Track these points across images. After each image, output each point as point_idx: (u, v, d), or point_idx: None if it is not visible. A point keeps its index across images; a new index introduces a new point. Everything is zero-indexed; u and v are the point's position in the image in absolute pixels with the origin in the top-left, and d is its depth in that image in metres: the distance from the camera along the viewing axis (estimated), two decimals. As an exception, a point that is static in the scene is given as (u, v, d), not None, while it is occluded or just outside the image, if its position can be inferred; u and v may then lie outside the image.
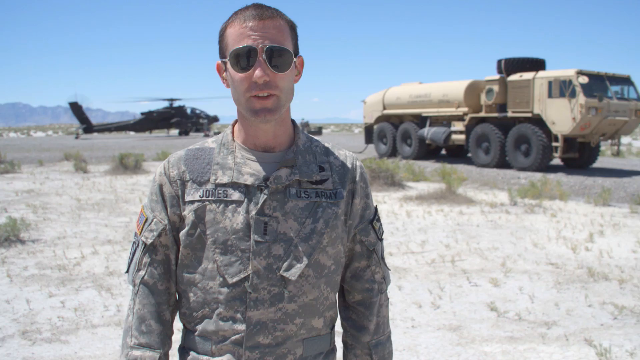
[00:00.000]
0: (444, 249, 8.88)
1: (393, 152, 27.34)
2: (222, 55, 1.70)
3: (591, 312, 6.01)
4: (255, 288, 1.64)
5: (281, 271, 1.65)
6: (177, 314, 1.81)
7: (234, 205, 1.66)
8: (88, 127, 58.82)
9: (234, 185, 1.68)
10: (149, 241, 1.71)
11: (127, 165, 21.24)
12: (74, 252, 8.64)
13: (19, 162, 23.83)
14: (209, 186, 1.69)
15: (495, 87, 22.12)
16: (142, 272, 1.72)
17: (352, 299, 1.87)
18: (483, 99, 22.80)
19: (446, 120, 25.02)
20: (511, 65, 22.20)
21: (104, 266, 7.84)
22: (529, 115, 20.92)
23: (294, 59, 1.68)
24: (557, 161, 23.84)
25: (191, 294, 1.71)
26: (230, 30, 1.65)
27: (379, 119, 28.87)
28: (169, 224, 1.72)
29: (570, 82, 19.57)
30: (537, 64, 22.22)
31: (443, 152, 28.14)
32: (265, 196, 1.65)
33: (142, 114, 60.22)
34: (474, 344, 5.22)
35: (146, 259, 1.72)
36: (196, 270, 1.69)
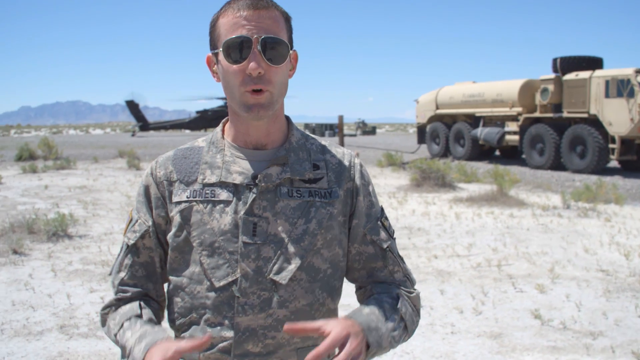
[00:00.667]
0: (491, 252, 8.66)
1: (446, 153, 27.04)
2: (214, 46, 1.60)
3: (641, 323, 5.77)
4: (244, 292, 1.55)
5: (271, 274, 1.55)
6: (167, 321, 1.73)
7: (222, 205, 1.58)
8: (144, 125, 59.74)
9: (222, 185, 1.60)
10: (131, 242, 1.65)
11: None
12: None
13: (74, 158, 24.39)
14: (197, 186, 1.61)
15: (551, 87, 21.61)
16: (122, 274, 1.66)
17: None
18: (538, 98, 22.31)
19: (500, 121, 24.58)
20: (567, 64, 21.64)
21: (147, 263, 7.89)
22: (585, 115, 20.35)
23: (290, 52, 1.59)
24: (614, 164, 23.13)
25: (179, 299, 1.63)
26: (223, 20, 1.56)
27: (432, 119, 28.58)
28: (153, 226, 1.65)
29: (628, 81, 18.96)
30: (594, 63, 21.61)
31: (497, 153, 27.67)
32: (254, 195, 1.57)
33: (197, 112, 60.83)
34: (515, 352, 5.04)
35: (127, 261, 1.66)
36: (183, 273, 1.61)
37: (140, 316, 1.60)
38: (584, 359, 4.91)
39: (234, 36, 1.51)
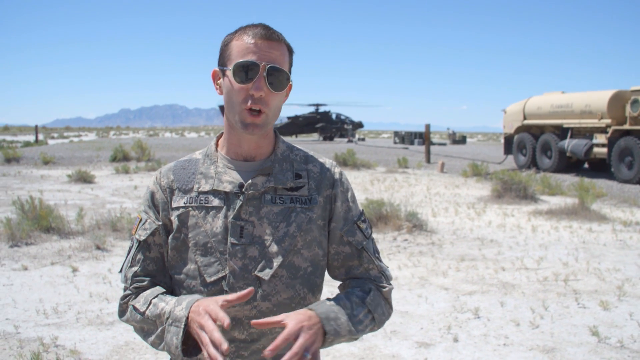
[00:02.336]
0: (560, 267, 8.54)
1: (532, 164, 26.49)
2: (223, 64, 1.82)
3: None
4: (232, 287, 1.75)
5: (256, 271, 1.76)
6: None
7: (214, 211, 1.79)
8: (236, 129, 61.01)
9: (214, 193, 1.81)
10: (142, 238, 1.85)
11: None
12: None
13: (165, 160, 25.29)
14: (193, 194, 1.82)
15: (642, 98, 20.88)
16: (135, 268, 1.85)
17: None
18: (628, 110, 21.53)
19: (588, 132, 23.87)
20: (661, 76, 20.85)
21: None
22: (677, 128, 19.56)
23: (289, 83, 1.80)
24: None
25: (178, 292, 1.83)
26: (237, 43, 1.77)
27: (519, 129, 28.05)
28: (161, 225, 1.85)
29: None
30: (690, 75, 20.73)
31: (586, 165, 26.90)
32: (241, 202, 1.77)
33: (289, 118, 61.60)
34: (565, 368, 5.03)
35: (140, 256, 1.85)
36: (181, 270, 1.82)
37: (165, 293, 1.82)
38: (636, 378, 4.85)
39: (245, 60, 1.73)
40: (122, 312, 1.86)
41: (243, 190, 1.79)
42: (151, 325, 1.75)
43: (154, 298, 1.77)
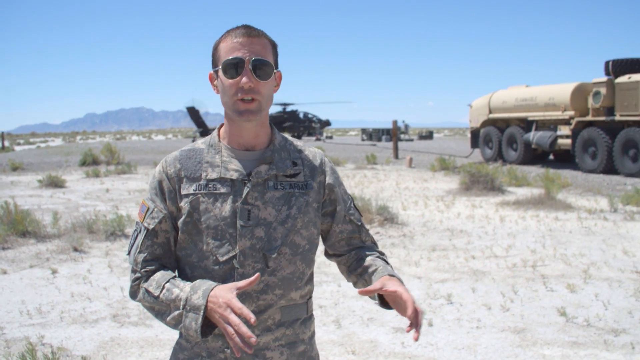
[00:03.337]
0: (528, 254, 8.84)
1: (498, 157, 26.96)
2: (215, 65, 2.03)
3: (666, 321, 5.91)
4: (242, 264, 1.95)
5: (263, 250, 1.96)
6: None
7: (222, 197, 1.97)
8: (204, 130, 60.74)
9: (222, 180, 1.99)
10: (151, 227, 2.01)
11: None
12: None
13: (135, 163, 25.30)
14: (201, 181, 2.00)
15: (603, 90, 21.36)
16: (144, 254, 2.01)
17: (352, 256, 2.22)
18: (590, 102, 22.07)
19: (552, 124, 24.38)
20: (619, 67, 21.36)
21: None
22: (638, 118, 20.03)
23: (274, 72, 2.00)
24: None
25: (188, 272, 2.02)
26: (223, 45, 1.98)
27: (485, 123, 28.52)
28: (167, 213, 2.02)
29: (683, 83, 18.69)
30: (647, 65, 21.33)
31: (551, 157, 27.45)
32: (249, 188, 1.97)
33: (256, 118, 61.32)
34: (535, 346, 5.28)
35: (148, 242, 2.01)
36: (193, 252, 1.99)
37: (175, 277, 1.99)
38: (602, 354, 5.11)
39: (230, 57, 1.94)
40: (133, 294, 2.02)
41: (250, 177, 1.98)
42: (164, 307, 1.92)
43: (166, 283, 1.93)
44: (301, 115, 61.70)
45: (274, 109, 73.24)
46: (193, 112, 60.66)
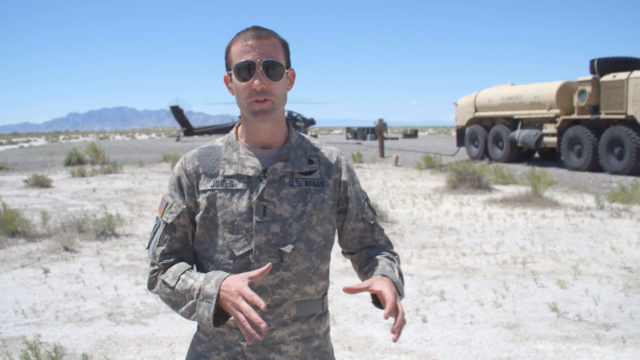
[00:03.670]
0: (518, 250, 8.93)
1: (484, 155, 27.14)
2: (228, 68, 2.06)
3: (655, 316, 6.01)
4: (257, 259, 1.99)
5: (278, 245, 2.00)
6: None
7: (238, 193, 2.02)
8: (188, 130, 60.58)
9: (239, 177, 2.03)
10: (169, 221, 2.06)
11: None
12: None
13: (121, 163, 25.24)
14: (219, 178, 2.04)
15: (588, 88, 21.57)
16: (163, 247, 2.06)
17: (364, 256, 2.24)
18: (575, 100, 22.27)
19: (538, 123, 24.59)
20: (604, 65, 21.59)
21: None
22: (623, 117, 20.27)
23: (286, 71, 2.04)
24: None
25: (206, 266, 2.06)
26: (234, 48, 2.02)
27: (471, 122, 28.70)
28: (186, 208, 2.07)
29: (666, 81, 18.91)
30: (631, 64, 21.50)
31: (536, 155, 27.67)
32: (264, 185, 2.01)
33: (240, 117, 61.22)
34: (528, 341, 5.36)
35: (167, 236, 2.06)
36: (210, 246, 2.04)
37: (191, 269, 2.04)
38: (594, 348, 5.20)
39: (242, 60, 1.98)
40: (151, 285, 2.07)
41: (266, 174, 2.02)
42: (180, 297, 1.96)
43: (182, 274, 1.98)
44: (285, 114, 61.58)
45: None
46: (177, 111, 60.48)
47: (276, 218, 2.00)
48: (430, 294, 6.75)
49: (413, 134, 63.22)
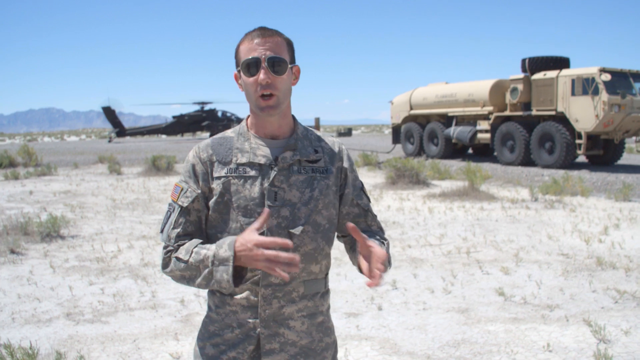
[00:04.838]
0: (461, 241, 9.29)
1: (420, 152, 27.72)
2: (237, 65, 2.23)
3: (594, 297, 6.40)
4: None
5: (288, 228, 2.16)
6: None
7: (251, 179, 2.18)
8: (121, 130, 59.68)
9: (251, 165, 2.20)
10: (185, 205, 2.20)
11: (160, 167, 21.93)
12: (111, 247, 9.25)
13: (55, 165, 24.67)
14: (232, 165, 2.20)
15: (520, 86, 22.38)
16: (177, 230, 2.19)
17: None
18: (508, 97, 23.06)
19: (472, 120, 25.32)
20: (535, 64, 22.44)
21: (140, 258, 8.43)
22: (553, 113, 21.17)
23: (290, 66, 2.21)
24: (581, 158, 24.06)
25: None
26: (242, 47, 2.20)
27: (406, 119, 29.26)
28: (200, 193, 2.21)
29: (593, 79, 19.78)
30: (561, 63, 22.43)
31: (470, 151, 28.42)
32: (275, 172, 2.17)
33: (174, 117, 60.77)
34: (480, 324, 5.65)
35: (182, 219, 2.20)
36: (224, 229, 2.19)
37: (203, 243, 2.17)
38: (540, 327, 5.53)
39: (249, 57, 2.15)
40: (165, 265, 2.20)
41: (276, 162, 2.19)
42: (194, 271, 2.10)
43: (194, 248, 2.12)
44: (220, 114, 61.31)
45: (191, 109, 72.45)
46: (109, 112, 59.50)
47: (286, 203, 2.16)
48: (383, 284, 6.99)
49: (347, 132, 63.80)
